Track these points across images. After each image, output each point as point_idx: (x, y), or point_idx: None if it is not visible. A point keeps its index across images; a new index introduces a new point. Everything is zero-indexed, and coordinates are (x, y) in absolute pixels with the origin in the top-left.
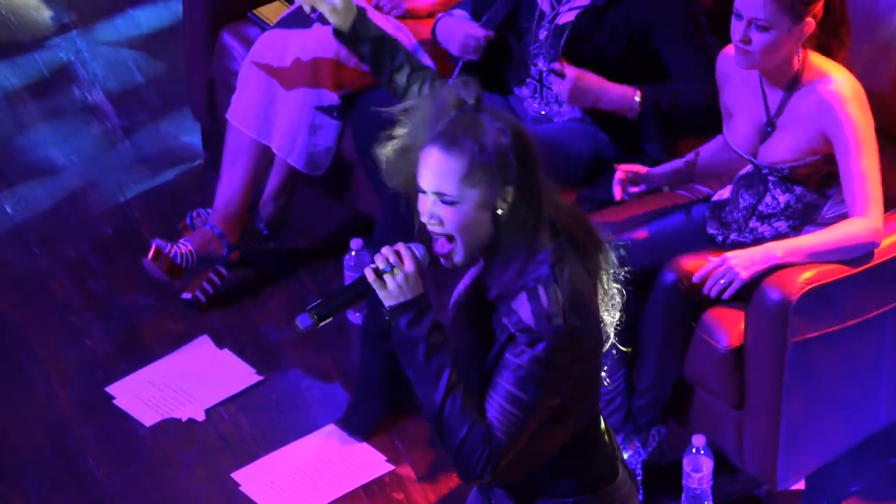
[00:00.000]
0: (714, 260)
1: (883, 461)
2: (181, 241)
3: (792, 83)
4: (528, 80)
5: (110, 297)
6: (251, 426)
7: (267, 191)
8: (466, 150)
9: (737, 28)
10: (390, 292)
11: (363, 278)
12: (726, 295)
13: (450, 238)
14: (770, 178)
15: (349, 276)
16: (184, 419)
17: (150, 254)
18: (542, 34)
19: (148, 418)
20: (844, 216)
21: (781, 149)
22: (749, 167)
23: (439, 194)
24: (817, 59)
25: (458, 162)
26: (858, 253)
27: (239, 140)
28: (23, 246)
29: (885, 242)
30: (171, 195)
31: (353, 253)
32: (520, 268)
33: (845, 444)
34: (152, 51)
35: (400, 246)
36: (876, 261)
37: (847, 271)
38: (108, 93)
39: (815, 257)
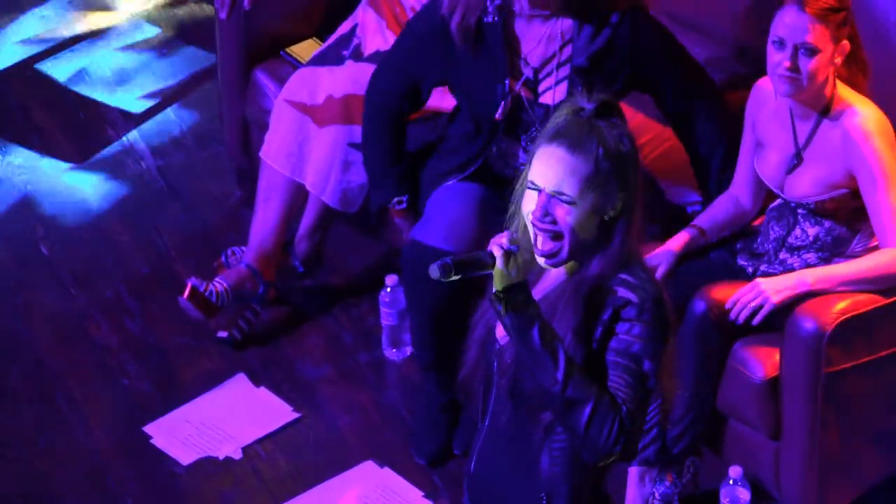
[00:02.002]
0: (746, 285)
1: None
2: (216, 279)
3: (823, 111)
4: (521, 166)
5: (147, 336)
6: (288, 464)
7: (301, 228)
8: (591, 153)
9: (781, 57)
10: (509, 272)
11: (488, 253)
12: (756, 319)
13: (557, 237)
14: (799, 210)
15: (385, 313)
16: (221, 458)
17: (186, 293)
18: (538, 114)
19: (185, 457)
20: (875, 249)
21: (807, 183)
22: (779, 199)
23: (558, 193)
24: (844, 90)
25: (583, 163)
26: (892, 283)
27: (272, 178)
28: (59, 287)
29: None
30: (207, 234)
31: (389, 289)
32: (609, 274)
33: (883, 474)
34: (187, 91)
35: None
36: None
37: (881, 301)
38: (143, 132)
39: (847, 286)
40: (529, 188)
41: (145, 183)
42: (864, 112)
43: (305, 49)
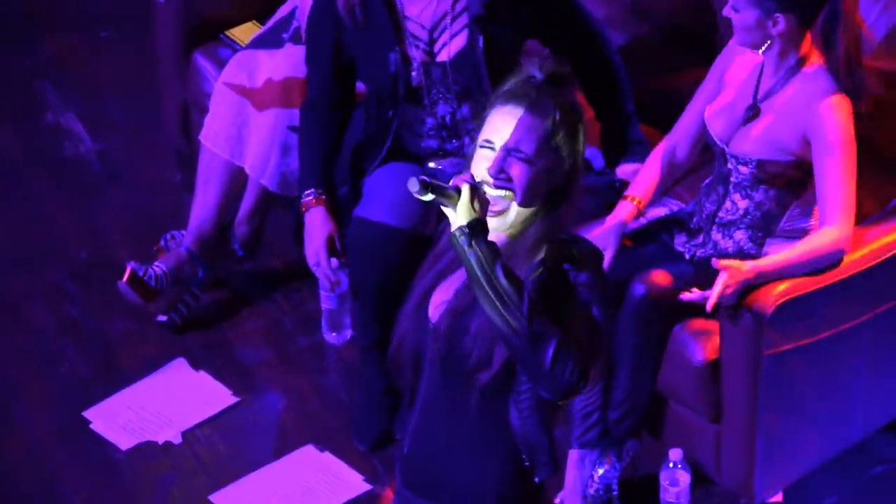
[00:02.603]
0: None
1: (859, 474)
2: (156, 263)
3: (792, 69)
4: (429, 132)
5: (86, 321)
6: (228, 448)
7: (241, 211)
8: (549, 114)
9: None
10: (474, 207)
11: (454, 187)
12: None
13: (508, 196)
14: (732, 178)
15: (325, 297)
16: (161, 442)
17: (126, 276)
18: (435, 75)
19: (125, 442)
20: (802, 231)
21: (757, 138)
22: (710, 177)
23: (516, 150)
24: (816, 58)
25: (540, 123)
26: (826, 263)
27: (212, 161)
28: None
29: (857, 254)
30: (147, 218)
31: None
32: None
33: (822, 457)
34: (125, 73)
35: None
36: (849, 272)
37: (821, 283)
38: (82, 116)
39: (787, 272)
40: (483, 147)
41: (84, 167)
42: (833, 84)
43: (245, 32)
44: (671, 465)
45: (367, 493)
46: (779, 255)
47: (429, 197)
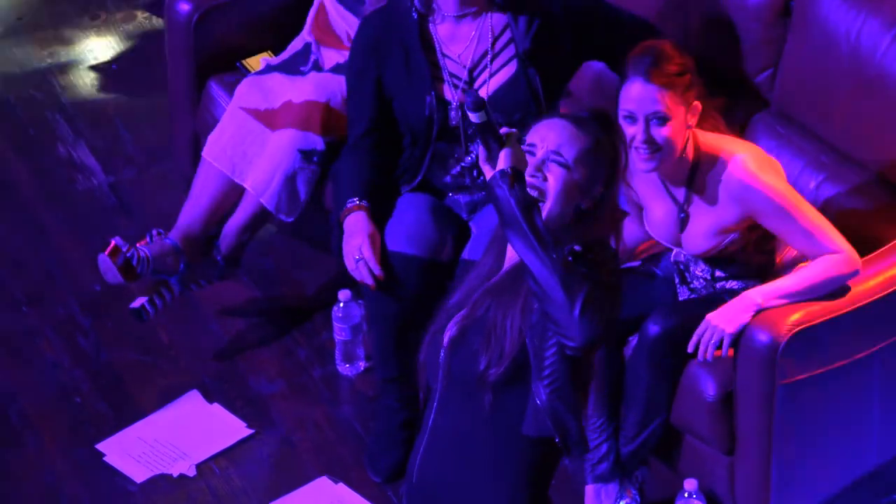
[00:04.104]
0: (699, 328)
1: (875, 501)
2: (140, 245)
3: (692, 173)
4: (461, 170)
5: (99, 353)
6: (242, 480)
7: (231, 224)
8: (593, 133)
9: (634, 131)
10: (516, 154)
11: (505, 133)
12: (723, 353)
13: (539, 197)
14: (703, 262)
15: (338, 328)
16: (175, 475)
17: (108, 250)
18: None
19: (139, 475)
20: (801, 257)
21: (701, 237)
22: (676, 252)
23: (557, 154)
24: (708, 140)
25: (584, 137)
26: (839, 284)
27: (210, 172)
28: (11, 305)
29: (870, 283)
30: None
31: (342, 304)
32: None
33: (837, 486)
34: (137, 105)
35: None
36: (862, 301)
37: (834, 312)
38: (94, 149)
39: (795, 297)
40: (525, 150)
41: (96, 199)
42: (739, 155)
43: (260, 62)
44: (686, 495)
45: None
46: (783, 280)
47: (479, 118)
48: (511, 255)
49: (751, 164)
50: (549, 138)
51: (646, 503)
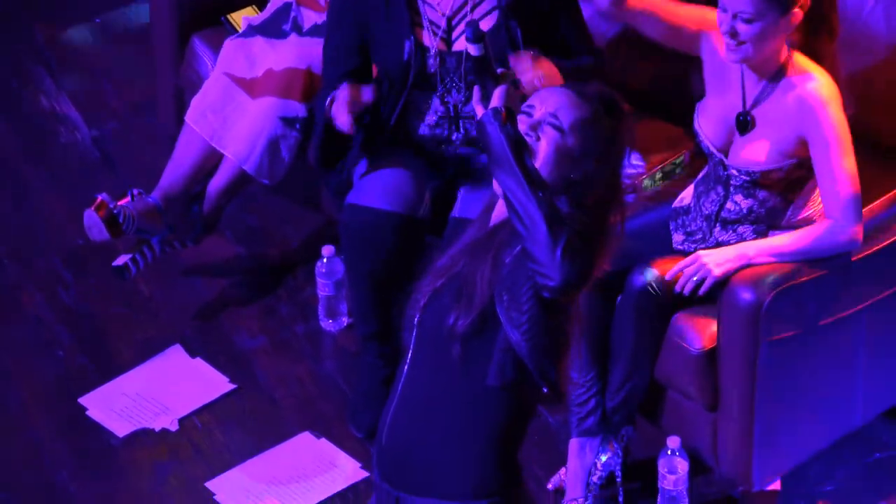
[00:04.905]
0: (687, 258)
1: (858, 461)
2: (122, 203)
3: (775, 76)
4: (437, 120)
5: (81, 308)
6: (225, 435)
7: (212, 187)
8: (593, 103)
9: (721, 19)
10: (510, 93)
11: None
12: (701, 292)
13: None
14: (732, 181)
15: (321, 284)
16: (157, 429)
17: (94, 205)
18: (450, 64)
19: (121, 429)
20: (809, 220)
21: (757, 150)
22: (704, 169)
23: (553, 117)
24: (799, 59)
25: (583, 105)
26: (829, 254)
27: (193, 137)
28: None
29: None
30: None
31: (325, 260)
32: None
33: (821, 444)
34: (122, 57)
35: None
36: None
37: (819, 271)
38: (77, 103)
39: (787, 257)
40: (522, 112)
41: (79, 153)
42: (820, 79)
43: (243, 20)
44: (669, 452)
45: (363, 481)
46: (779, 238)
47: (478, 50)
48: (496, 216)
49: (825, 90)
50: (549, 101)
51: (630, 460)
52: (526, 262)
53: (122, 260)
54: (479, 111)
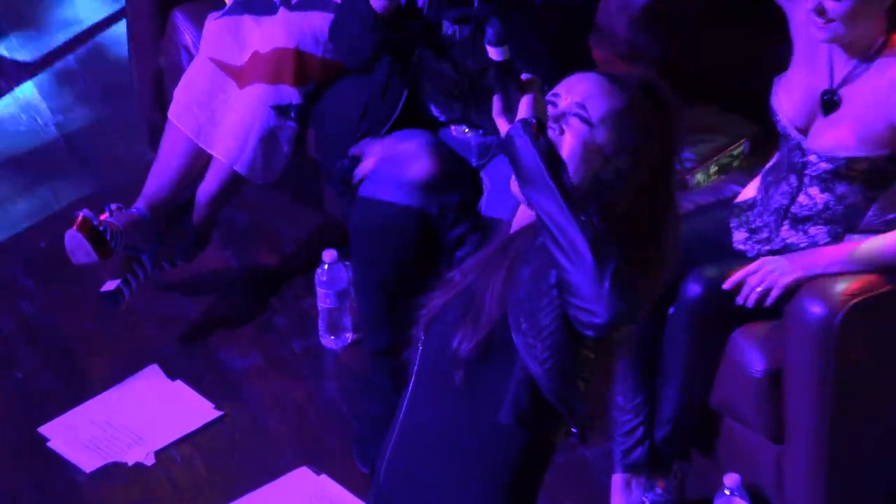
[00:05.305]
0: (750, 265)
1: None
2: (103, 218)
3: (869, 55)
4: (457, 90)
5: (44, 321)
6: (209, 470)
7: (201, 194)
8: (629, 93)
9: None
10: (539, 102)
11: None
12: (767, 303)
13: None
14: (808, 170)
15: (322, 294)
16: (130, 463)
17: (77, 223)
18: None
19: (88, 463)
20: (889, 224)
21: (844, 134)
22: (775, 157)
23: (580, 107)
24: None
25: (617, 94)
26: None
27: (177, 136)
28: None
29: None
30: (114, 202)
31: (326, 266)
32: None
33: None
34: (92, 35)
35: None
36: None
37: None
38: (40, 84)
39: (867, 266)
40: (548, 101)
41: (43, 142)
42: None
43: None
44: (727, 491)
45: None
46: (856, 245)
47: (501, 54)
48: (516, 223)
49: None
50: (577, 89)
51: (682, 501)
52: (563, 295)
53: (111, 285)
54: (503, 125)
